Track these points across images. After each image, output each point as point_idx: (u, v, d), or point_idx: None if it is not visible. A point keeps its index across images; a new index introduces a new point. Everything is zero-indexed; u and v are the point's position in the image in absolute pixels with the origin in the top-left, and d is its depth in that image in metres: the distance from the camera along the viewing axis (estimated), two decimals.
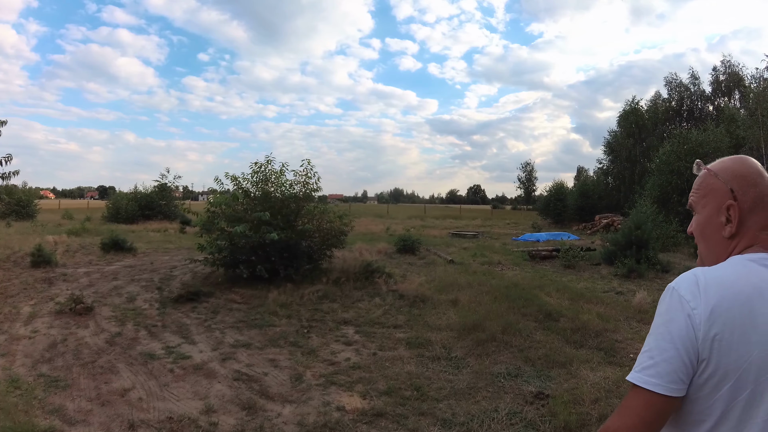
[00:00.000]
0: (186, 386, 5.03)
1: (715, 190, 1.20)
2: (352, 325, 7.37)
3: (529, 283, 10.01)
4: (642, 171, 30.88)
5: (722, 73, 32.82)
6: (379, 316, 7.81)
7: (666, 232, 16.51)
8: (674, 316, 1.09)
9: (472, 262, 13.55)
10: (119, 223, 25.03)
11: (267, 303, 8.44)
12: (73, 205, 60.81)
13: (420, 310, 8.08)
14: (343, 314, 7.90)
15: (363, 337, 6.79)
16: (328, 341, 6.58)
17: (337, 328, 7.16)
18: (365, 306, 8.43)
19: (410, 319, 7.54)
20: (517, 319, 7.10)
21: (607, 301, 8.38)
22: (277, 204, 10.47)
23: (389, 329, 7.10)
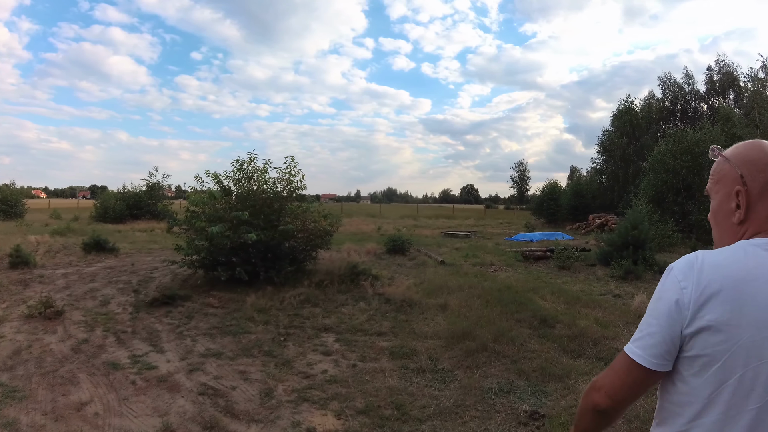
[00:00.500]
0: (147, 401, 4.59)
1: (727, 175, 1.19)
2: (332, 332, 6.87)
3: (523, 286, 9.54)
4: (636, 170, 30.59)
5: (717, 73, 32.57)
6: (362, 322, 7.31)
7: (662, 232, 16.14)
8: (665, 294, 1.12)
9: (463, 263, 13.09)
10: (107, 223, 24.67)
11: (245, 308, 7.95)
12: (64, 204, 60.14)
13: (407, 315, 7.60)
14: (325, 320, 7.40)
15: (343, 345, 6.29)
16: (305, 350, 6.09)
17: (316, 336, 6.66)
18: (348, 311, 7.94)
19: (395, 326, 7.05)
20: (510, 326, 6.63)
21: (605, 305, 7.92)
22: (259, 203, 9.98)
23: (372, 337, 6.61)
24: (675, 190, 20.58)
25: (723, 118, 22.99)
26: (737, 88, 30.78)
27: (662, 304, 1.11)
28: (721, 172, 1.21)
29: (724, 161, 1.20)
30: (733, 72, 31.35)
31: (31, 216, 28.43)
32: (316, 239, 10.53)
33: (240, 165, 10.39)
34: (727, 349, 1.03)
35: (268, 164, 10.63)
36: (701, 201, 19.82)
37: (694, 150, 20.21)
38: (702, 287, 1.06)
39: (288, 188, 10.60)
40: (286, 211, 10.00)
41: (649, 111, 33.69)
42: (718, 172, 1.22)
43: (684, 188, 20.43)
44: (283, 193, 10.46)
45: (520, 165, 75.18)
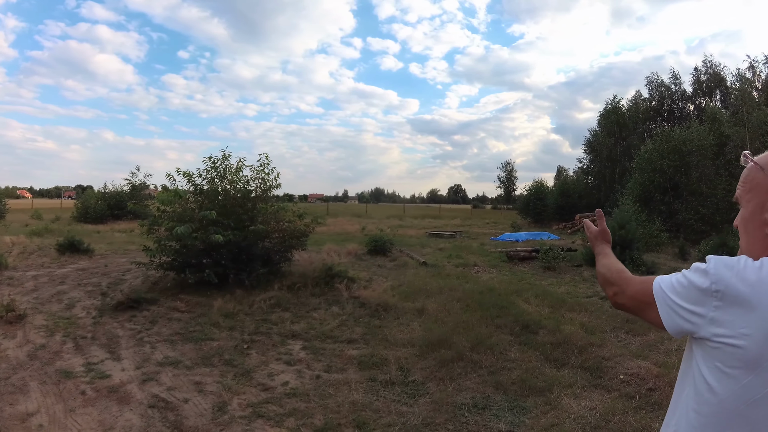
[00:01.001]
0: (94, 413, 4.22)
1: (760, 185, 1.16)
2: (300, 339, 6.38)
3: (506, 288, 9.11)
4: (623, 170, 30.37)
5: (704, 73, 32.39)
6: (333, 328, 6.83)
7: (649, 232, 15.81)
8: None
9: (446, 264, 12.63)
10: (87, 223, 24.10)
11: (211, 312, 7.45)
12: (47, 204, 59.13)
13: (381, 321, 7.13)
14: (293, 326, 6.91)
15: (310, 354, 5.81)
16: (268, 359, 5.61)
17: (282, 343, 6.18)
18: (320, 316, 7.45)
19: (368, 332, 6.58)
20: (489, 332, 6.17)
21: (591, 309, 7.49)
22: (229, 202, 9.47)
23: (342, 345, 6.13)
24: (662, 189, 20.31)
25: (710, 118, 22.78)
26: (724, 89, 30.66)
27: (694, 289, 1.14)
28: (753, 180, 1.18)
29: (758, 170, 1.17)
30: (720, 72, 31.20)
31: (12, 216, 27.67)
32: (291, 240, 10.02)
33: (213, 163, 9.87)
34: None
35: (242, 162, 10.12)
36: (688, 200, 19.57)
37: (681, 149, 19.96)
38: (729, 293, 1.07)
39: (261, 187, 10.10)
40: (258, 210, 9.46)
41: (635, 111, 33.47)
42: (750, 181, 1.19)
43: (671, 187, 20.16)
44: (255, 192, 9.95)
45: (507, 165, 75.08)
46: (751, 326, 1.02)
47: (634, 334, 6.27)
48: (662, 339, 6.12)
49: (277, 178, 10.30)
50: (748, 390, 1.03)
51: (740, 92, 21.81)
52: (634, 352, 5.59)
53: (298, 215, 10.43)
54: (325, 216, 34.06)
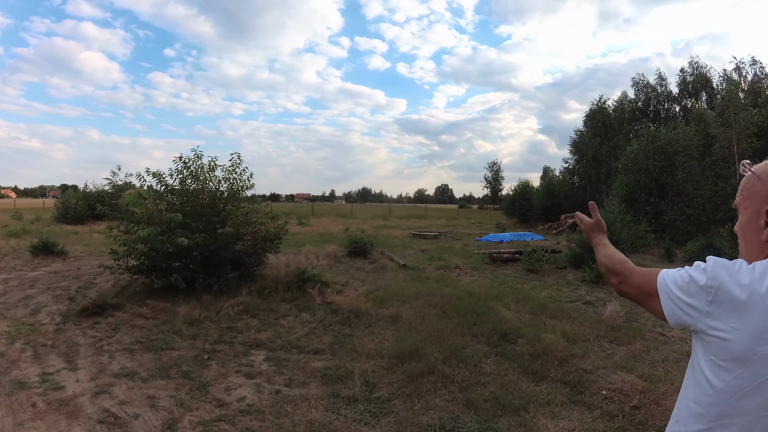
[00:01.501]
0: (42, 427, 3.96)
1: (757, 193, 1.22)
2: (264, 348, 5.95)
3: (486, 292, 8.73)
4: (608, 170, 30.27)
5: (690, 75, 32.37)
6: (300, 336, 6.40)
7: (635, 233, 15.55)
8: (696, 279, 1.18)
9: (427, 266, 12.26)
10: (67, 224, 23.55)
11: (176, 319, 7.05)
12: (30, 204, 57.94)
13: (352, 329, 6.71)
14: (259, 334, 6.48)
15: (272, 366, 5.39)
16: (228, 371, 5.19)
17: (245, 353, 5.75)
18: (288, 323, 7.03)
19: (336, 342, 6.16)
20: (465, 342, 5.78)
21: (574, 315, 7.13)
22: (198, 204, 9.03)
23: (307, 355, 5.70)
24: (648, 189, 20.12)
25: (696, 118, 22.66)
26: (710, 90, 30.66)
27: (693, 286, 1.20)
28: (751, 188, 1.24)
29: (755, 179, 1.23)
30: (707, 74, 31.20)
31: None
32: (263, 243, 9.58)
33: (184, 163, 9.41)
34: None
35: (214, 161, 9.68)
36: (674, 201, 19.38)
37: (667, 149, 19.79)
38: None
39: (232, 188, 9.66)
40: (227, 212, 9.00)
41: (621, 111, 33.39)
42: (748, 189, 1.25)
43: (657, 188, 19.98)
44: (225, 193, 9.51)
45: (494, 165, 75.12)
46: (741, 322, 1.09)
47: (619, 343, 5.91)
48: (648, 348, 5.77)
49: (249, 179, 9.89)
50: (740, 382, 1.10)
51: (727, 93, 21.67)
52: (618, 363, 5.22)
53: (271, 217, 9.99)
54: (309, 216, 33.79)
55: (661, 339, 6.23)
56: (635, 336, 6.16)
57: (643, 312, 7.75)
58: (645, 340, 6.10)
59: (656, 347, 5.84)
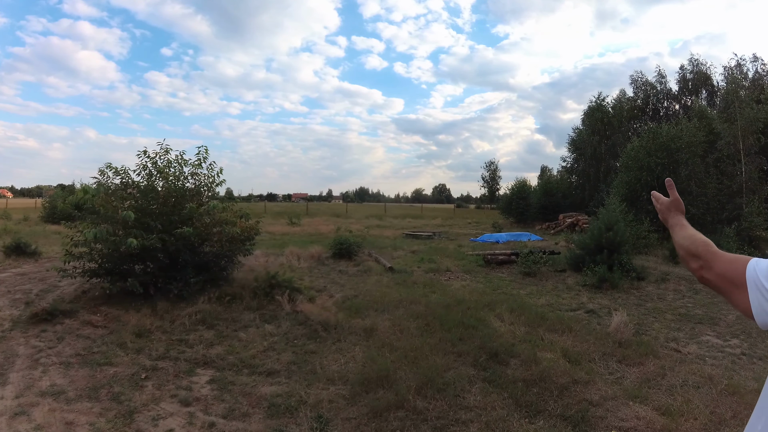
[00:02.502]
0: None
1: None
2: (212, 367, 5.11)
3: (478, 299, 7.84)
4: (607, 169, 29.38)
5: (689, 72, 31.46)
6: (257, 353, 5.52)
7: (637, 233, 14.67)
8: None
9: (416, 269, 11.35)
10: (54, 224, 22.80)
11: (125, 329, 6.22)
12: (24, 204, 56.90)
13: (318, 344, 5.81)
14: (210, 349, 5.62)
15: (215, 390, 4.54)
16: (163, 395, 4.41)
17: (189, 373, 4.94)
18: (248, 336, 6.14)
19: (296, 361, 5.27)
20: (447, 364, 4.88)
21: (576, 328, 6.21)
22: (159, 201, 8.18)
23: (258, 378, 4.82)
24: (649, 188, 18.95)
25: (698, 114, 21.78)
26: (710, 88, 29.82)
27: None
28: None
29: None
30: (706, 71, 30.33)
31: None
32: (229, 245, 8.67)
33: (149, 157, 8.53)
34: None
35: (181, 156, 8.81)
36: None
37: (669, 146, 18.88)
38: None
39: (199, 184, 8.81)
40: (187, 211, 8.07)
41: (620, 110, 32.40)
42: None
43: (659, 186, 18.99)
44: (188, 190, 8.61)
45: (491, 164, 74.03)
46: None
47: (629, 364, 5.00)
48: (663, 370, 4.87)
49: (219, 175, 9.01)
50: None
51: (731, 88, 20.80)
52: (629, 391, 4.31)
53: (239, 216, 9.09)
54: (301, 216, 32.90)
55: (677, 357, 5.34)
56: (647, 354, 5.26)
57: (654, 323, 6.89)
58: (659, 358, 5.21)
59: (672, 367, 4.95)
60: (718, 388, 4.42)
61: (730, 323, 6.97)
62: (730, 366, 5.22)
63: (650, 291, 9.22)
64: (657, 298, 8.61)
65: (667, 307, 7.91)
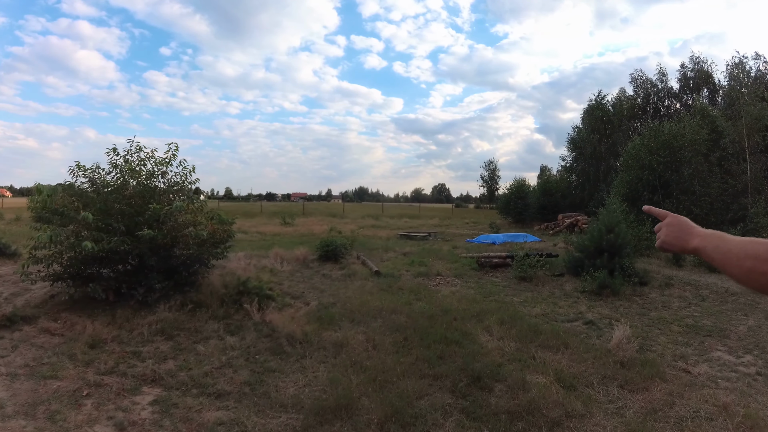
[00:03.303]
0: None
1: None
2: (160, 385, 4.57)
3: (466, 308, 7.19)
4: (607, 168, 28.79)
5: (690, 70, 30.87)
6: (211, 370, 4.92)
7: (639, 234, 14.00)
8: None
9: (404, 272, 10.69)
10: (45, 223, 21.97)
11: (81, 338, 5.74)
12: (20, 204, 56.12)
13: (281, 361, 5.18)
14: (162, 364, 5.07)
15: (156, 413, 4.02)
16: (99, 416, 3.93)
17: (134, 391, 4.43)
18: (206, 350, 5.51)
19: (252, 380, 4.64)
20: (421, 389, 4.22)
21: (573, 343, 5.54)
22: (123, 202, 7.57)
23: (206, 400, 4.23)
24: (651, 187, 18.58)
25: (701, 112, 21.14)
26: (712, 86, 29.25)
27: None
28: None
29: None
30: (708, 69, 29.74)
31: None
32: (198, 248, 8.04)
33: (118, 154, 8.01)
34: None
35: (152, 154, 8.24)
36: (680, 200, 17.85)
37: (672, 144, 18.27)
38: None
39: (169, 183, 8.32)
40: (151, 211, 7.43)
41: (620, 108, 31.78)
42: None
43: (661, 186, 18.45)
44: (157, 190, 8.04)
45: (490, 164, 73.42)
46: None
47: (632, 389, 4.33)
48: (671, 396, 4.22)
49: (191, 173, 8.43)
50: None
51: (736, 85, 20.21)
52: (632, 426, 3.65)
53: (210, 218, 8.45)
54: (296, 216, 32.22)
55: (687, 380, 4.68)
56: (653, 376, 4.60)
57: (659, 336, 6.23)
58: (666, 381, 4.54)
59: (681, 393, 4.30)
60: (735, 420, 3.78)
61: (741, 336, 6.31)
62: (746, 390, 4.57)
63: (654, 298, 8.57)
64: (661, 306, 7.95)
65: (672, 317, 7.24)
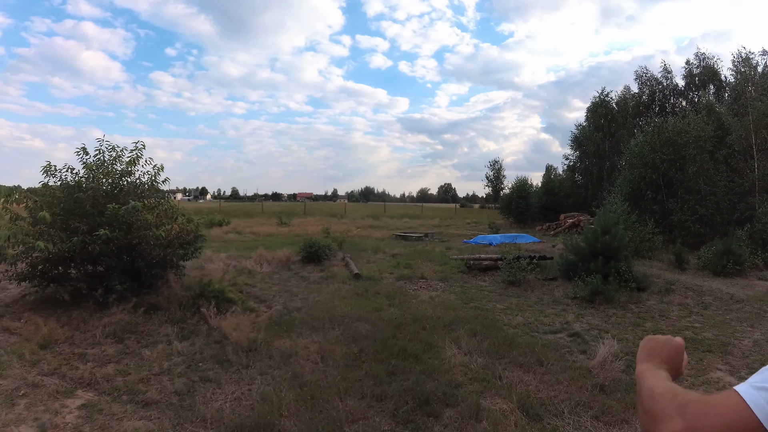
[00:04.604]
0: None
1: None
2: (94, 390, 4.41)
3: (440, 316, 6.55)
4: (611, 167, 27.96)
5: (696, 67, 29.99)
6: (149, 376, 4.66)
7: (640, 235, 13.32)
8: None
9: (387, 275, 10.07)
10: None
11: (35, 338, 5.62)
12: None
13: (221, 370, 4.76)
14: (102, 368, 4.86)
15: (81, 418, 3.86)
16: (28, 417, 3.85)
17: (68, 394, 4.28)
18: (152, 354, 5.23)
19: (184, 390, 4.32)
20: (358, 412, 3.60)
21: (550, 359, 4.88)
22: (86, 201, 7.34)
23: (133, 408, 4.02)
24: (654, 186, 17.82)
25: (707, 108, 20.32)
26: (718, 83, 28.40)
27: None
28: None
29: None
30: (714, 65, 28.88)
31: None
32: (165, 249, 7.56)
33: (86, 153, 7.84)
34: None
35: (121, 153, 8.01)
36: (684, 199, 17.09)
37: (676, 141, 17.49)
38: None
39: (136, 183, 8.09)
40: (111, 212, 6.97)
41: (624, 106, 30.92)
42: None
43: (665, 184, 17.68)
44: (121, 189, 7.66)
45: (495, 163, 72.31)
46: None
47: (609, 422, 3.64)
48: None
49: (160, 172, 8.03)
50: None
51: (742, 81, 19.41)
52: None
53: (173, 218, 7.98)
54: (292, 216, 31.71)
55: None
56: (630, 409, 3.91)
57: None
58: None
59: None
60: None
61: (745, 351, 5.61)
62: None
63: (651, 305, 7.88)
64: (659, 316, 7.25)
65: (670, 328, 6.55)
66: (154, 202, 7.97)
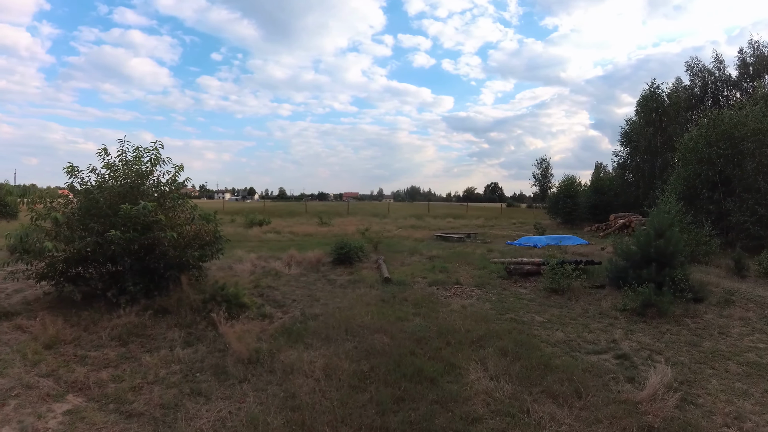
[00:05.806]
0: None
1: None
2: (84, 395, 4.27)
3: (470, 329, 5.93)
4: (664, 163, 26.38)
5: (750, 56, 28.15)
6: (142, 384, 4.48)
7: (696, 238, 12.26)
8: None
9: (420, 280, 9.49)
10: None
11: (44, 337, 5.55)
12: None
13: (216, 383, 4.45)
14: (98, 372, 4.74)
15: (63, 425, 3.75)
16: (12, 419, 3.81)
17: (58, 398, 4.19)
18: (152, 360, 5.03)
19: (171, 404, 4.11)
20: None
21: (591, 388, 4.19)
22: (104, 202, 7.25)
23: (116, 419, 3.85)
24: (710, 184, 16.51)
25: (764, 99, 18.73)
26: None
27: None
28: None
29: None
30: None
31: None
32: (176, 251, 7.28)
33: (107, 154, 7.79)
34: None
35: (141, 154, 7.93)
36: (743, 198, 15.75)
37: (733, 134, 16.13)
38: None
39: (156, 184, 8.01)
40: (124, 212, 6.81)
41: (676, 99, 29.22)
42: None
43: (721, 182, 16.35)
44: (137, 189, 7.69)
45: (542, 162, 70.27)
46: None
47: None
48: None
49: (180, 173, 7.95)
50: None
51: None
52: None
53: (191, 218, 7.70)
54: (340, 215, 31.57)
55: None
56: None
57: (710, 380, 4.79)
58: None
59: None
60: None
61: None
62: None
63: (709, 320, 7.02)
64: (718, 333, 6.38)
65: (730, 350, 5.70)
66: (170, 203, 7.67)
